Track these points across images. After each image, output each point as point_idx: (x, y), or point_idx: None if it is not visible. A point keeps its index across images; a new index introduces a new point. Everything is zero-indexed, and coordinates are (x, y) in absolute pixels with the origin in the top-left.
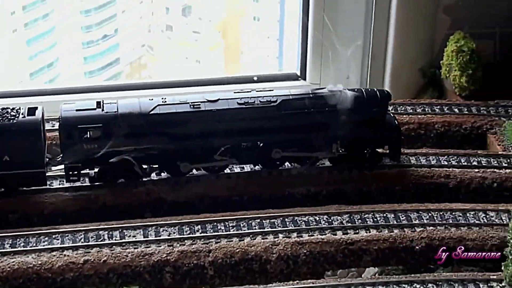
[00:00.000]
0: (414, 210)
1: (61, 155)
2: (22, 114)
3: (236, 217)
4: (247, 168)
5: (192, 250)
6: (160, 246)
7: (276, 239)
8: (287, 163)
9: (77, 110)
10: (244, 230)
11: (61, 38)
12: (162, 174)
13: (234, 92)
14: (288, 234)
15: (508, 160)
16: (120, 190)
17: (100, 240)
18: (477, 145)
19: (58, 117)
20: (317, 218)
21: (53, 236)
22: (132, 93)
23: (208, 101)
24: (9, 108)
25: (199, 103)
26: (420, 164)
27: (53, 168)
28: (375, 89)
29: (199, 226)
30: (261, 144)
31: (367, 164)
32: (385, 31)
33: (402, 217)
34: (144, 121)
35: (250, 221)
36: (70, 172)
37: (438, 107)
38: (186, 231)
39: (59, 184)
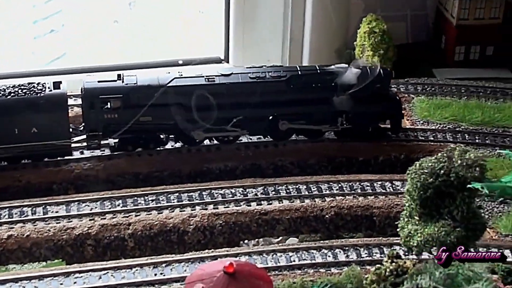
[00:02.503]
0: (325, 181)
1: (83, 124)
2: (48, 88)
3: (156, 191)
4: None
5: (112, 224)
6: (82, 220)
7: (193, 211)
8: (294, 135)
9: (99, 81)
10: (163, 203)
11: (10, 31)
12: (177, 144)
13: (246, 67)
14: (205, 206)
15: (415, 134)
16: (44, 168)
17: (23, 216)
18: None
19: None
20: (233, 191)
21: None
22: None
23: (222, 75)
24: (35, 82)
25: (214, 76)
26: (332, 139)
27: (75, 138)
28: (379, 67)
29: (120, 201)
30: (271, 117)
31: (370, 137)
32: (302, 15)
33: (314, 188)
34: (161, 92)
35: (169, 195)
36: (91, 141)
37: None
38: (107, 206)
39: None
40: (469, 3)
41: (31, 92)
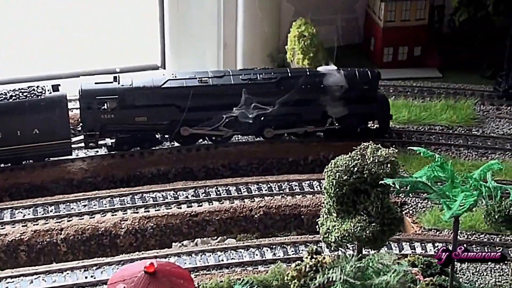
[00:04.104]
0: (254, 182)
1: (80, 124)
2: (48, 90)
3: (88, 196)
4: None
5: (45, 229)
6: (15, 227)
7: (125, 215)
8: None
9: (95, 83)
10: (95, 208)
11: None
12: (172, 143)
13: (239, 70)
14: (136, 210)
15: None
16: None
17: None
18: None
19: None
20: (164, 194)
21: None
22: None
23: (215, 76)
24: (34, 86)
25: (207, 78)
26: (262, 141)
27: (74, 139)
28: (367, 69)
29: (52, 207)
30: (262, 118)
31: (359, 137)
32: (234, 21)
33: (243, 189)
34: (156, 94)
35: (101, 200)
36: (89, 140)
37: None
38: (40, 212)
39: None
40: (395, 6)
41: (32, 95)
